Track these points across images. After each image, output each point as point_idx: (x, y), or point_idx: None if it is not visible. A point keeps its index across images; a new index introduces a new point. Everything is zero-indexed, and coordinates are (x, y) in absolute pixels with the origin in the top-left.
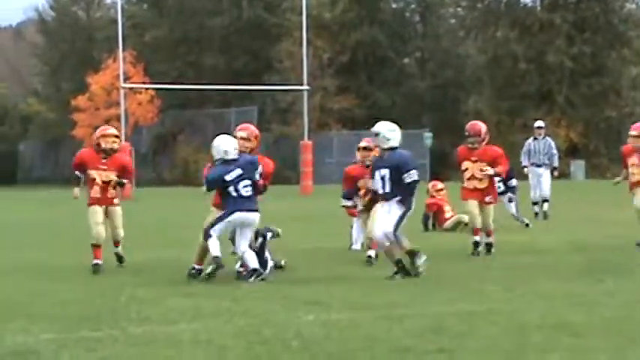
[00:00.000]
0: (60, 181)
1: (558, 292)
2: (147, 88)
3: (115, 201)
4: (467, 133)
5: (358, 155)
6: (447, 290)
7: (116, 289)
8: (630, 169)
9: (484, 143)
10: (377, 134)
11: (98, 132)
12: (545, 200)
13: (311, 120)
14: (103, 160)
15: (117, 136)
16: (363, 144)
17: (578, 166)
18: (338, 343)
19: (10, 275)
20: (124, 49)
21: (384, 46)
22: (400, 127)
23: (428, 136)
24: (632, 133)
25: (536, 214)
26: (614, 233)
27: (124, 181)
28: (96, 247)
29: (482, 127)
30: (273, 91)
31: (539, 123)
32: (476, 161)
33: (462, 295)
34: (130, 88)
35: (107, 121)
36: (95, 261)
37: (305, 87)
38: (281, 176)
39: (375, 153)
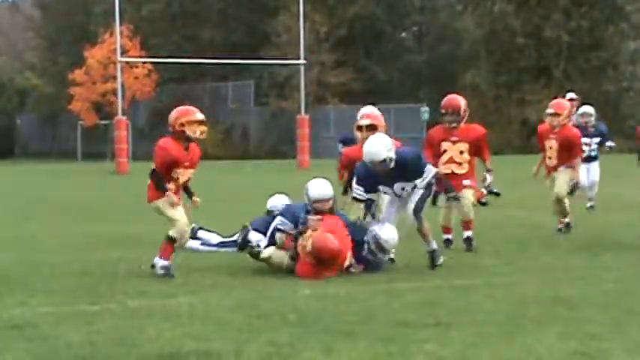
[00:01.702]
0: (58, 155)
1: (556, 266)
2: (144, 62)
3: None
4: (443, 110)
5: (358, 134)
6: (445, 265)
7: (114, 262)
8: (547, 153)
9: (464, 121)
10: (383, 161)
11: (179, 115)
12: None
13: (308, 94)
14: (186, 153)
15: (203, 122)
16: (365, 122)
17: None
18: (335, 317)
19: (8, 248)
20: (120, 23)
21: (382, 20)
22: (397, 101)
23: (425, 111)
24: (550, 111)
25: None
26: (613, 206)
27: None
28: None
29: (462, 101)
30: (270, 65)
31: (571, 95)
32: (456, 142)
33: (460, 270)
34: (127, 62)
35: (104, 95)
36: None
37: (302, 61)
38: (278, 150)
39: (381, 129)
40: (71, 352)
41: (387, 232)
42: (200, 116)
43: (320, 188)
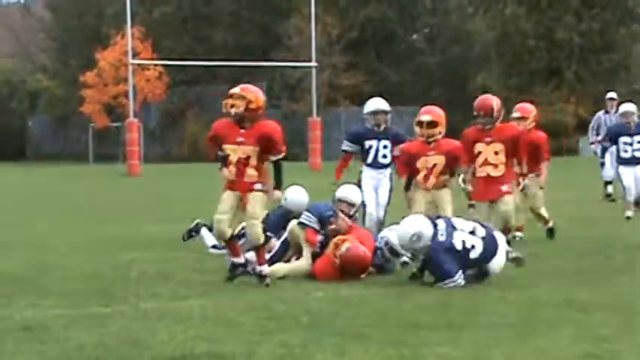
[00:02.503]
0: (69, 157)
1: (567, 269)
2: (155, 65)
3: (257, 186)
4: (475, 113)
5: (417, 130)
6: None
7: (126, 264)
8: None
9: (498, 122)
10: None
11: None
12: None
13: (319, 96)
14: (242, 131)
15: (242, 97)
16: (425, 117)
17: (587, 143)
18: (347, 319)
19: (21, 250)
20: (132, 25)
21: (393, 23)
22: (408, 103)
23: None
24: (516, 115)
25: (608, 195)
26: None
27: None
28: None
29: (494, 102)
30: (282, 67)
31: (612, 94)
32: (490, 142)
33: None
34: (139, 65)
35: (115, 98)
36: (233, 259)
37: (313, 63)
38: (289, 153)
39: (441, 129)
40: (83, 354)
41: (398, 235)
42: (232, 91)
43: (349, 191)
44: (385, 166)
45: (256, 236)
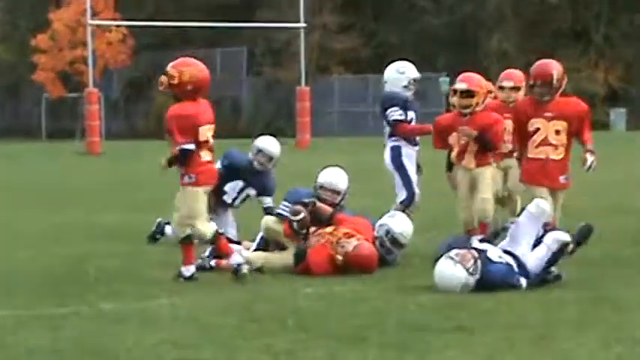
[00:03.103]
0: (19, 133)
1: (598, 262)
2: (118, 26)
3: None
4: (531, 82)
5: (453, 99)
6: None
7: (83, 258)
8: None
9: (559, 92)
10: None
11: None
12: None
13: (309, 62)
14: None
15: (166, 72)
16: (460, 86)
17: (618, 115)
18: (341, 320)
19: None
20: None
21: None
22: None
23: (444, 81)
24: (507, 84)
25: None
26: None
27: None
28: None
29: (554, 69)
30: (266, 29)
31: None
32: (552, 119)
33: None
34: (98, 26)
35: (72, 64)
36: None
37: (302, 24)
38: (273, 127)
39: (478, 99)
40: None
41: (399, 223)
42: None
43: (332, 176)
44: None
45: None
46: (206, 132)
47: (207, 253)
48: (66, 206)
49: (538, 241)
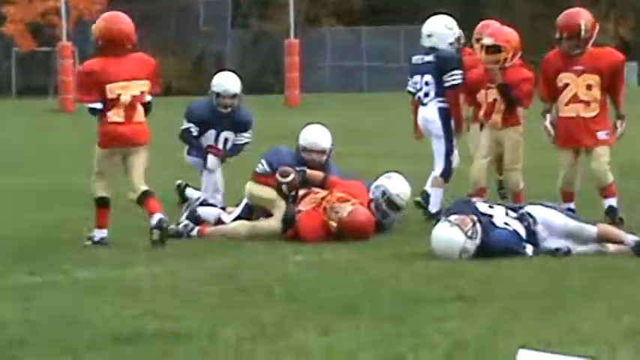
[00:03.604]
0: None
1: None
2: None
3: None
4: (558, 34)
5: (480, 56)
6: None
7: (58, 224)
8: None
9: (590, 43)
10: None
11: None
12: None
13: (298, 13)
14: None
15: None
16: (487, 41)
17: (630, 70)
18: (333, 290)
19: None
20: None
21: None
22: (408, 21)
23: None
24: (487, 41)
25: None
26: None
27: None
28: None
29: (582, 18)
30: None
31: None
32: (582, 73)
33: None
34: None
35: (44, 16)
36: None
37: None
38: (260, 84)
39: (506, 54)
40: (4, 335)
41: (396, 184)
42: None
43: (313, 135)
44: None
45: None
46: (117, 90)
47: (184, 219)
48: (39, 168)
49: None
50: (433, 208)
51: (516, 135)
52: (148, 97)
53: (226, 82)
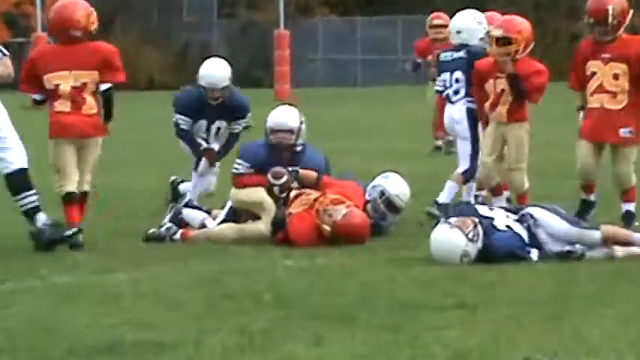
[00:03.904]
0: None
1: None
2: None
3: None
4: (587, 20)
5: (491, 48)
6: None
7: None
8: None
9: (621, 30)
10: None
11: None
12: None
13: (288, 3)
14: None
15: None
16: (496, 32)
17: None
18: (326, 296)
19: None
20: None
21: None
22: (406, 11)
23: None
24: (497, 33)
25: None
26: None
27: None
28: None
29: (611, 2)
30: None
31: None
32: (609, 61)
33: None
34: None
35: (18, 5)
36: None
37: None
38: (248, 77)
39: (517, 46)
40: None
41: (395, 184)
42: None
43: (280, 115)
44: None
45: None
46: (54, 80)
47: (167, 221)
48: None
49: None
50: (443, 198)
51: (521, 132)
52: (104, 86)
53: (214, 74)
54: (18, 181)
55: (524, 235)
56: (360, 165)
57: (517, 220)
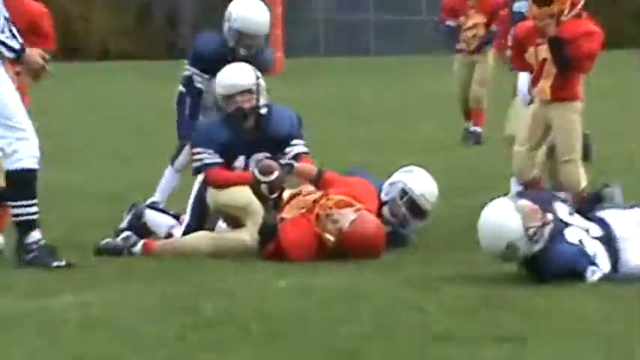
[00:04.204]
0: None
1: None
2: None
3: None
4: None
5: (533, 10)
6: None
7: None
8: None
9: None
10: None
11: None
12: None
13: None
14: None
15: None
16: None
17: None
18: (326, 327)
19: None
20: None
21: None
22: None
23: None
24: None
25: None
26: None
27: None
28: None
29: None
30: None
31: None
32: None
33: None
34: None
35: None
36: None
37: None
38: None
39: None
40: None
41: (420, 181)
42: None
43: (229, 76)
44: None
45: None
46: None
47: (124, 225)
48: None
49: None
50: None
51: (568, 114)
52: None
53: (255, 17)
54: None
55: (603, 257)
56: (373, 157)
57: (598, 239)
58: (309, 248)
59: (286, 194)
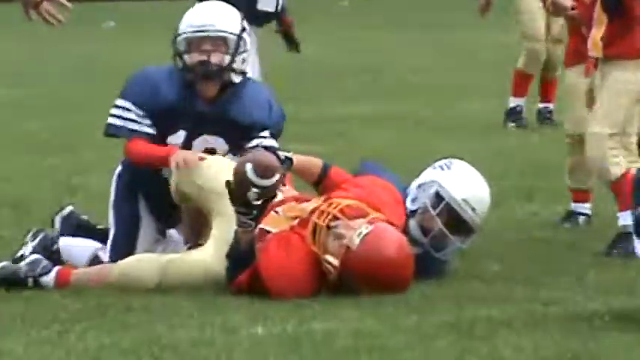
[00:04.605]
0: None
1: None
2: None
3: None
4: None
5: None
6: (541, 264)
7: None
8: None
9: None
10: None
11: None
12: None
13: None
14: None
15: None
16: None
17: None
18: None
19: None
20: None
21: None
22: None
23: None
24: None
25: None
26: None
27: None
28: None
29: None
30: None
31: None
32: None
33: (613, 282)
34: None
35: None
36: None
37: None
38: None
39: None
40: None
41: (462, 181)
42: None
43: (202, 13)
44: None
45: None
46: None
47: (28, 254)
48: None
49: None
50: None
51: (625, 76)
52: None
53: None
54: None
55: None
56: (393, 147)
57: None
58: (299, 278)
59: (277, 199)
